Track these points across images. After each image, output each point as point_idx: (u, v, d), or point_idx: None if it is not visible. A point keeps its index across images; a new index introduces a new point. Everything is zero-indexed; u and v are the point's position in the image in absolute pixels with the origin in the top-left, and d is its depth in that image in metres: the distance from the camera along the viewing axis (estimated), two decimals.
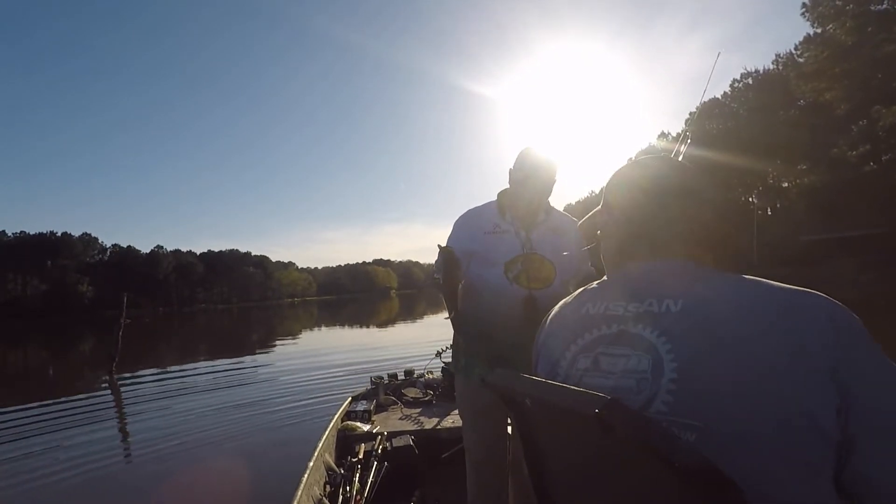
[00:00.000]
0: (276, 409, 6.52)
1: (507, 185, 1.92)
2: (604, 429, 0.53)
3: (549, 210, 1.95)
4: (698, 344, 0.67)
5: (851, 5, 25.22)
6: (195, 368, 11.66)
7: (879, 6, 24.67)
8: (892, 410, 0.62)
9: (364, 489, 2.81)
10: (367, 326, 22.60)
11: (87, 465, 4.78)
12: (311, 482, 2.62)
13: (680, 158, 2.64)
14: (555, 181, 1.88)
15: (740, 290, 0.70)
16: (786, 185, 38.05)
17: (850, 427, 0.62)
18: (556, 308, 0.94)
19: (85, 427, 6.29)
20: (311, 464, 2.75)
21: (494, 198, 1.97)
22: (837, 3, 25.58)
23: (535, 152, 1.85)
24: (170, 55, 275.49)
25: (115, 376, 10.20)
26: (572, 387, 0.70)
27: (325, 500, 2.66)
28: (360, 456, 3.16)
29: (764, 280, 0.71)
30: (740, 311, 0.67)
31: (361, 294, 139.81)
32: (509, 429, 1.86)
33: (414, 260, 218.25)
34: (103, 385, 9.71)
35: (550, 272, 1.84)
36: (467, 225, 1.94)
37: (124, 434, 6.20)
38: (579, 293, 0.89)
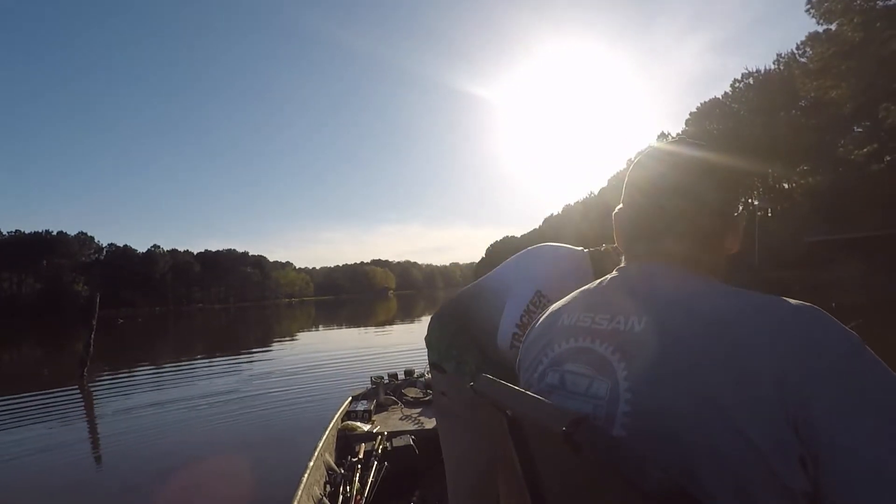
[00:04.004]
0: (276, 408, 6.41)
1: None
2: (572, 448, 0.53)
3: None
4: (654, 374, 0.64)
5: (859, 0, 24.86)
6: (190, 367, 11.49)
7: (888, 1, 24.22)
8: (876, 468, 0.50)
9: (364, 489, 2.82)
10: (366, 326, 22.38)
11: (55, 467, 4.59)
12: (311, 482, 2.63)
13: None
14: None
15: (711, 308, 0.64)
16: (787, 186, 37.94)
17: (821, 485, 0.53)
18: (544, 315, 0.91)
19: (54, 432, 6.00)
20: (312, 464, 2.76)
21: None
22: None
23: None
24: (168, 57, 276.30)
25: (87, 382, 9.51)
26: (544, 400, 0.69)
27: (326, 500, 2.66)
28: (361, 456, 3.18)
29: (746, 293, 0.65)
30: (707, 332, 0.61)
31: (359, 294, 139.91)
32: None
33: (412, 260, 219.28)
34: (73, 392, 8.92)
35: None
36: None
37: (94, 439, 5.82)
38: (566, 300, 0.87)
